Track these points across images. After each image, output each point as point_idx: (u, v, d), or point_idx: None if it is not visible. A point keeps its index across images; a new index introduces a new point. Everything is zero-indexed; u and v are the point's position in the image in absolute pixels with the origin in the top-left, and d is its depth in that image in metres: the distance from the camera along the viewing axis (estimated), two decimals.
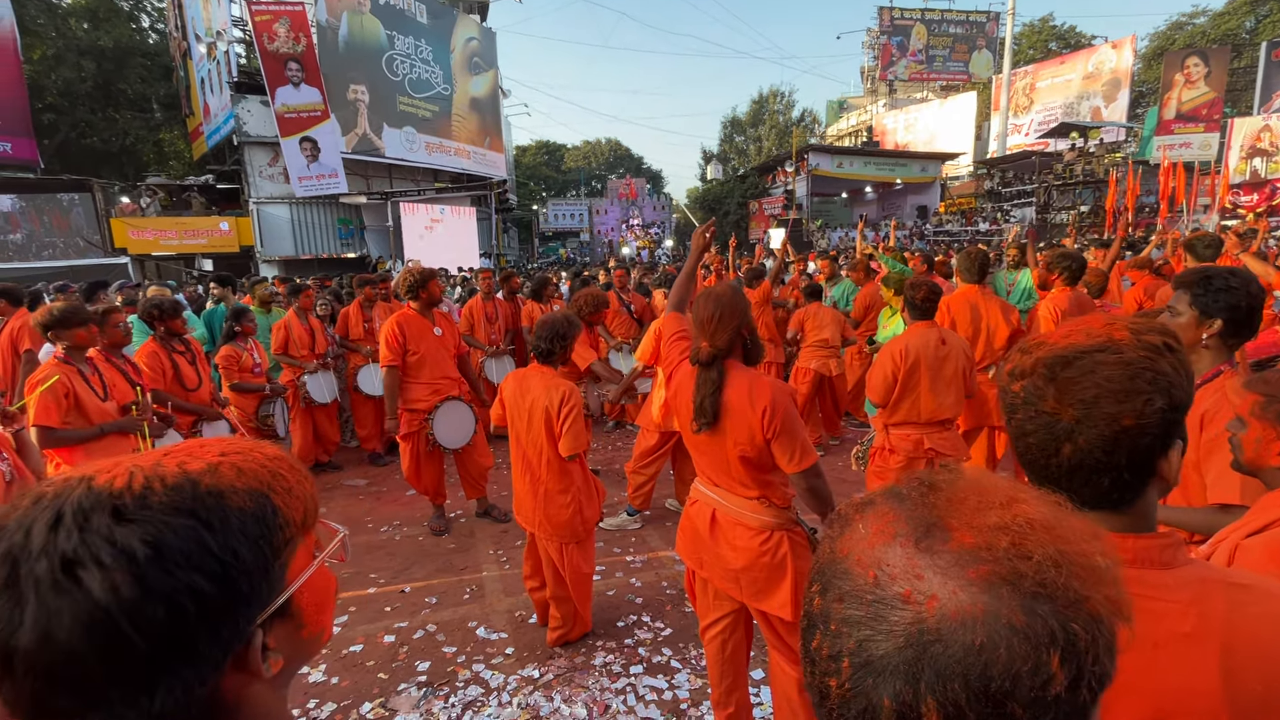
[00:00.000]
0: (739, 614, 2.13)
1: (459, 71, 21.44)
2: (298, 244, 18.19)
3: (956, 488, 0.46)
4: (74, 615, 0.43)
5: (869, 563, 0.43)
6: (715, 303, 1.87)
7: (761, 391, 1.83)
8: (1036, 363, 0.76)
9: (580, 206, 39.19)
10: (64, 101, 20.70)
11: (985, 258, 4.04)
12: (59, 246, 17.00)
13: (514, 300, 6.38)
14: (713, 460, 1.97)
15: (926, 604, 0.40)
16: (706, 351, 1.86)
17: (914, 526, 0.44)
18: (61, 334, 2.82)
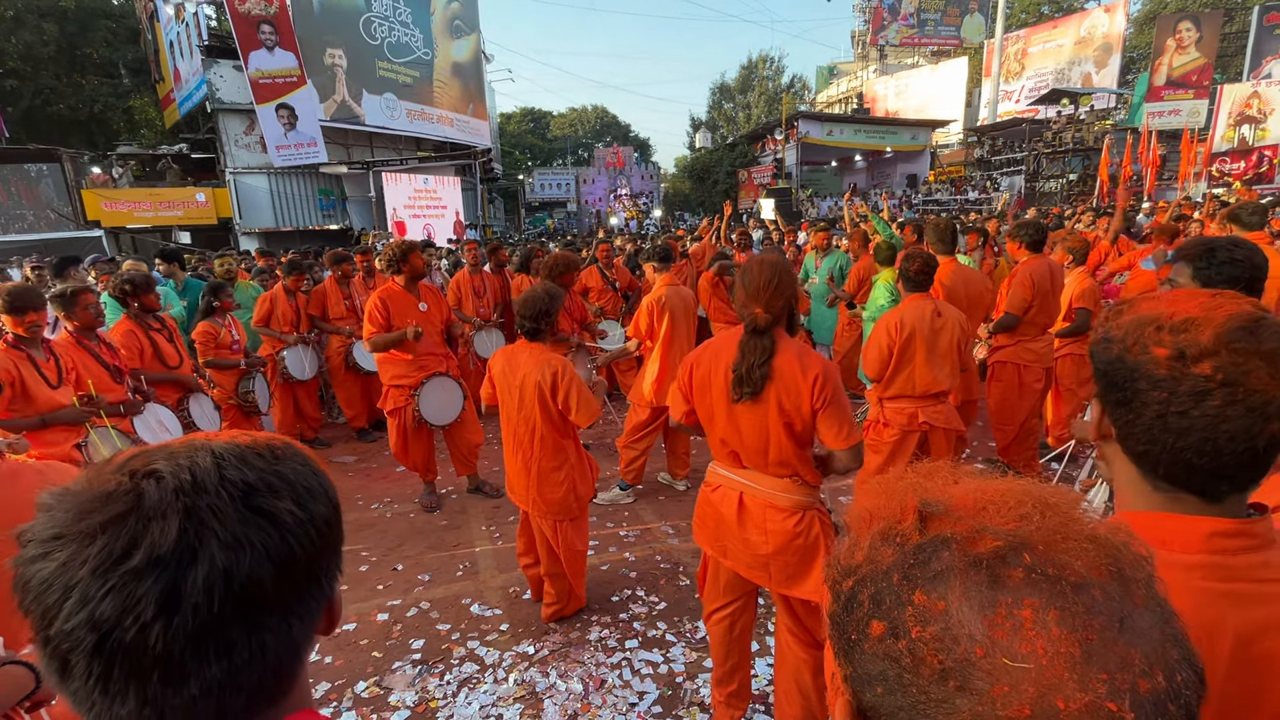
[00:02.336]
0: (750, 596, 2.12)
1: (440, 35, 20.76)
2: (278, 215, 17.76)
3: (1015, 534, 0.39)
4: (261, 539, 0.47)
5: (1092, 699, 0.33)
6: (771, 269, 1.82)
7: (813, 360, 1.82)
8: (1217, 339, 0.66)
9: (567, 176, 38.51)
10: (25, 67, 19.83)
11: (954, 228, 4.00)
12: (28, 219, 16.48)
13: (502, 273, 6.25)
14: (748, 436, 1.89)
15: (1168, 682, 0.35)
16: (763, 318, 1.81)
17: (1062, 611, 0.36)
18: (14, 319, 2.69)
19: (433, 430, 4.01)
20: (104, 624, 0.43)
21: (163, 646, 0.44)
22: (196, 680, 0.46)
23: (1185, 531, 0.70)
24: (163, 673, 0.45)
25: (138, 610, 0.43)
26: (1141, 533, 0.70)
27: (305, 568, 0.51)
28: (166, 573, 0.44)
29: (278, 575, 0.48)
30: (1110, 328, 0.74)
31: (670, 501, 4.12)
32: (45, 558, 0.45)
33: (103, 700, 0.45)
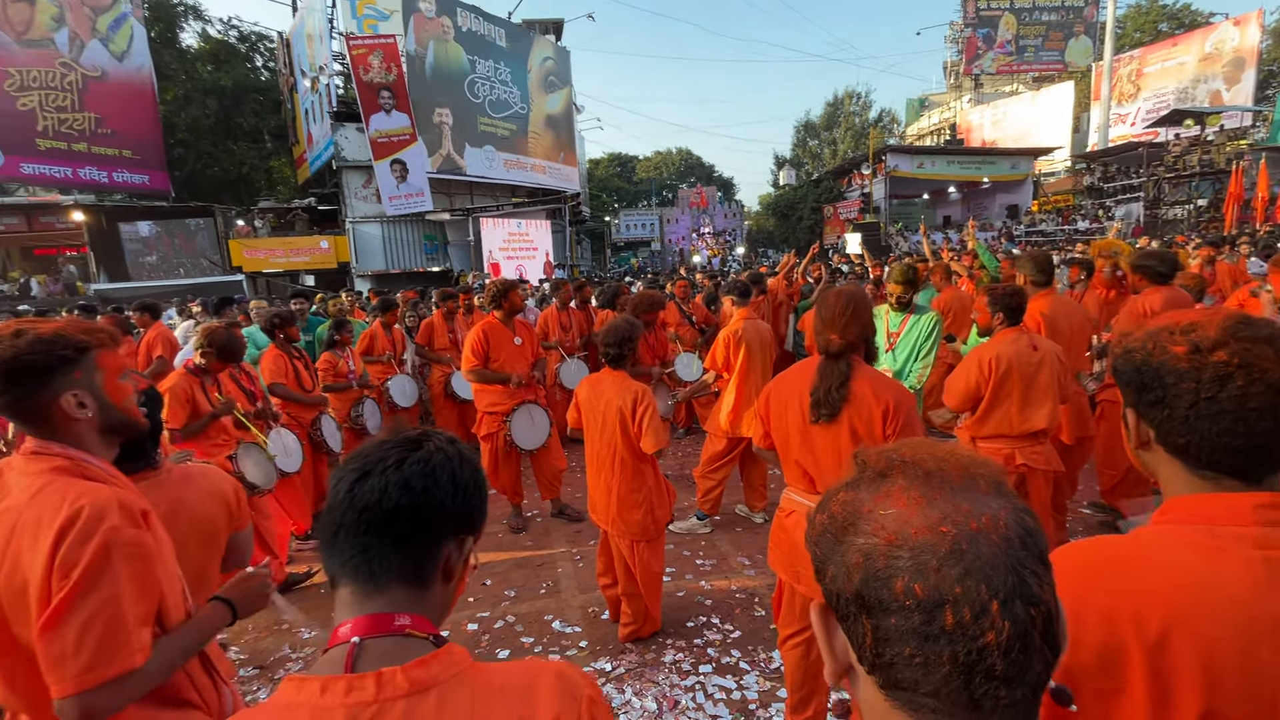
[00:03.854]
0: None
1: (535, 90, 22.29)
2: (388, 259, 19.42)
3: (895, 451, 0.56)
4: (468, 469, 0.79)
5: (931, 525, 0.48)
6: (847, 299, 1.94)
7: (886, 387, 1.89)
8: (1223, 331, 0.75)
9: (651, 216, 39.61)
10: (191, 136, 23.11)
11: (1050, 259, 3.82)
12: (187, 266, 18.98)
13: (586, 309, 6.58)
14: (822, 458, 1.95)
15: (993, 522, 0.48)
16: (837, 344, 1.92)
17: (921, 485, 0.51)
18: (209, 357, 3.25)
19: (521, 455, 4.26)
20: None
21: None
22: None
23: (1232, 507, 0.75)
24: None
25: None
26: (1190, 513, 0.76)
27: (448, 484, 0.78)
28: None
29: (449, 479, 0.78)
30: (1128, 341, 0.80)
31: (747, 533, 4.13)
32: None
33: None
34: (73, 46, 19.33)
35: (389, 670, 0.67)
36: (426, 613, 0.74)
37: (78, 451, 1.12)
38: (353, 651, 0.69)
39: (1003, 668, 0.45)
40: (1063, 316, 3.64)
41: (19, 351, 1.05)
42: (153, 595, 1.09)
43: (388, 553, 0.73)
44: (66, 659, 0.99)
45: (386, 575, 0.73)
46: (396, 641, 0.70)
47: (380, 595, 0.72)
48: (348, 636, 0.70)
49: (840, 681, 0.56)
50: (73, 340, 1.10)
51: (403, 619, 0.72)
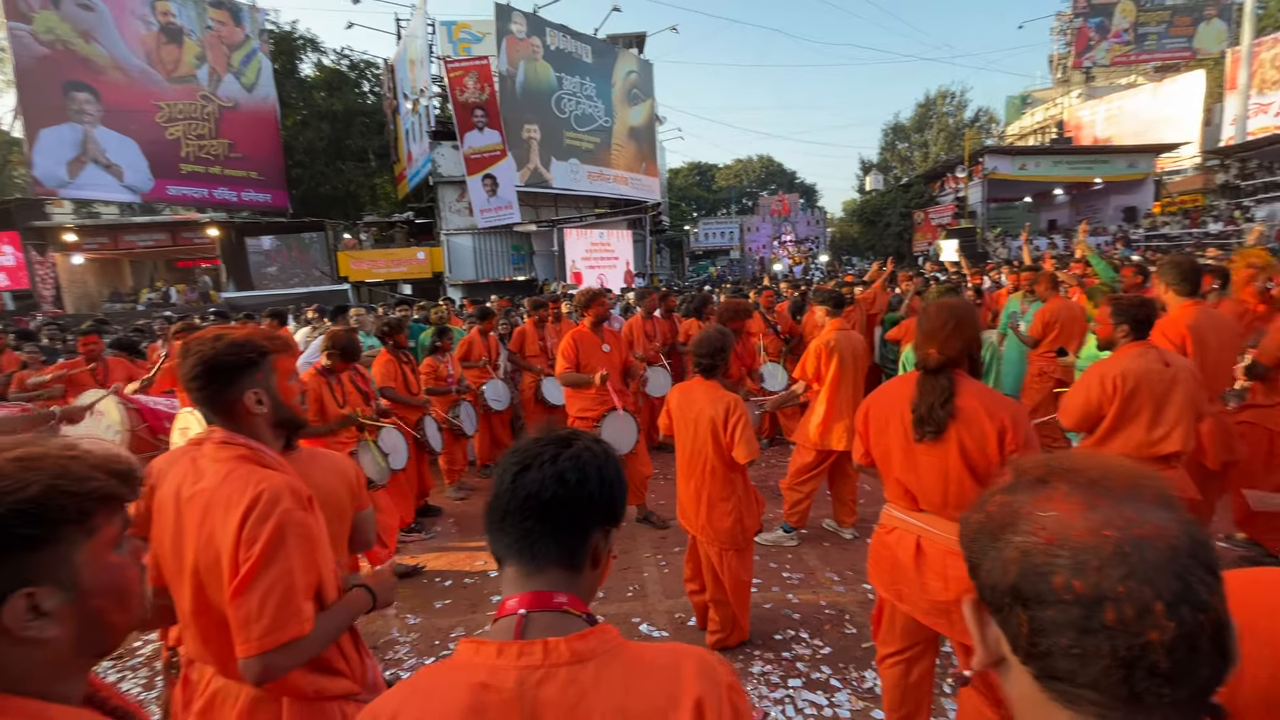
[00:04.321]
0: (929, 643, 2.07)
1: (619, 104, 22.78)
2: (478, 269, 20.39)
3: (1055, 460, 0.58)
4: (612, 466, 0.88)
5: (1093, 529, 0.50)
6: (950, 312, 1.87)
7: (1001, 405, 1.81)
8: None
9: (731, 224, 39.35)
10: (306, 158, 25.24)
11: (1197, 267, 3.46)
12: (301, 276, 20.72)
13: (671, 318, 6.66)
14: (926, 477, 1.89)
15: (1159, 530, 0.49)
16: (935, 358, 1.85)
17: (1083, 492, 0.53)
18: (334, 358, 3.58)
19: None
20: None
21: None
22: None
23: None
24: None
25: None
26: None
27: (595, 479, 0.87)
28: None
29: (597, 474, 0.87)
30: None
31: (835, 549, 4.03)
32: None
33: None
34: (211, 81, 21.63)
35: (554, 640, 0.76)
36: (579, 594, 0.83)
37: (256, 442, 1.29)
38: (521, 622, 0.78)
39: (1167, 665, 0.46)
40: (1211, 330, 3.27)
41: (217, 353, 1.23)
42: (316, 571, 1.24)
43: (546, 538, 0.81)
44: (250, 622, 1.14)
45: (546, 558, 0.82)
46: (557, 617, 0.79)
47: (540, 575, 0.81)
48: (515, 609, 0.79)
49: (987, 668, 0.59)
50: (257, 345, 1.28)
51: (561, 598, 0.81)
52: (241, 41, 22.34)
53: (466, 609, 3.49)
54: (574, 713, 0.73)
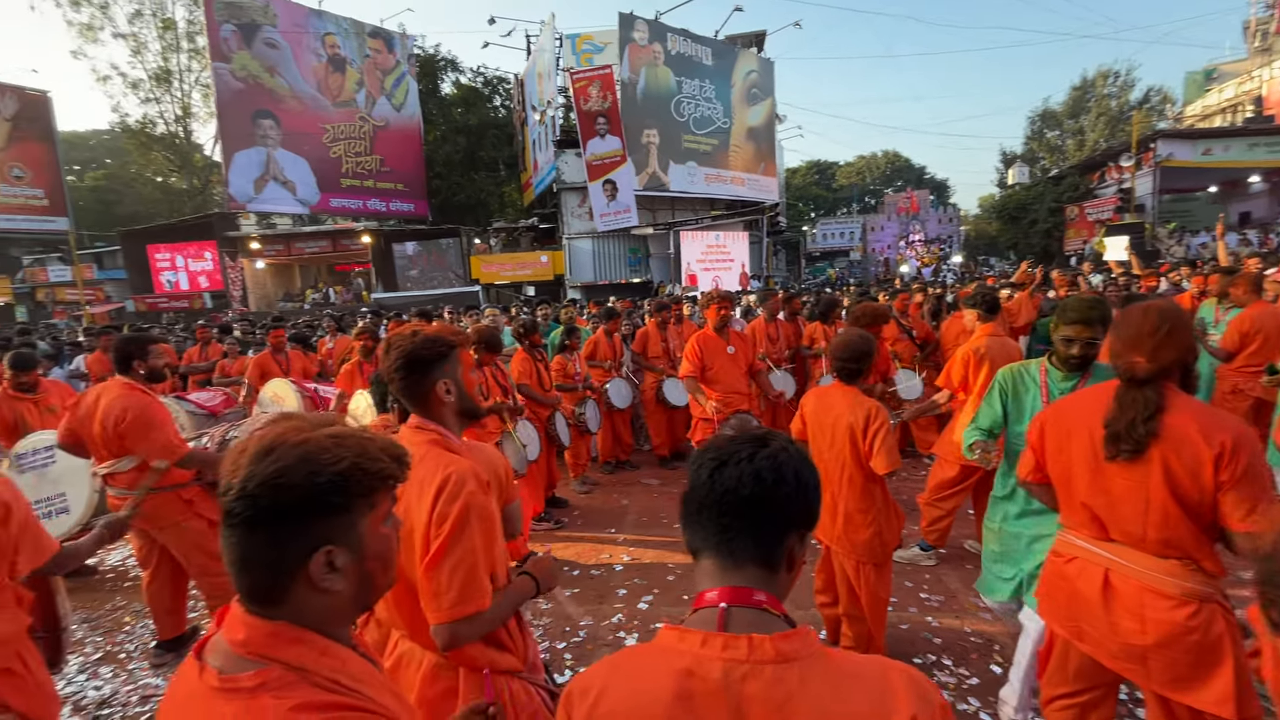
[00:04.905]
0: (1110, 689, 1.85)
1: (738, 104, 22.57)
2: (596, 271, 21.07)
3: None
4: (808, 469, 0.86)
5: None
6: (1160, 316, 1.64)
7: (1220, 424, 1.54)
8: None
9: (852, 224, 37.67)
10: (444, 169, 27.37)
11: None
12: (438, 278, 22.50)
13: (795, 321, 6.49)
14: (1120, 503, 1.68)
15: None
16: (1145, 368, 1.61)
17: None
18: (480, 351, 3.86)
19: None
20: None
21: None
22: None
23: None
24: None
25: None
26: None
27: (792, 480, 0.86)
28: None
29: (793, 475, 0.85)
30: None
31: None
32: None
33: None
34: (367, 103, 24.07)
35: (758, 637, 0.77)
36: (776, 594, 0.83)
37: (444, 429, 1.41)
38: (723, 615, 0.79)
39: None
40: None
41: (415, 346, 1.37)
42: (494, 550, 1.34)
43: (744, 536, 0.82)
44: (440, 593, 1.25)
45: (743, 555, 0.82)
46: (758, 614, 0.80)
47: (738, 572, 0.82)
48: (716, 601, 0.81)
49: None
50: (447, 340, 1.40)
51: (760, 595, 0.81)
52: (393, 66, 24.69)
53: (594, 599, 3.60)
54: (781, 711, 0.73)
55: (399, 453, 0.83)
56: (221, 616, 0.80)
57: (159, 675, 3.12)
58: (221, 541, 0.75)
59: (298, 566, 0.74)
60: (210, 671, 0.72)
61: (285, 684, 0.71)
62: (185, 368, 7.11)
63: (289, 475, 0.73)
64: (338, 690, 0.73)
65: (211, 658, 0.74)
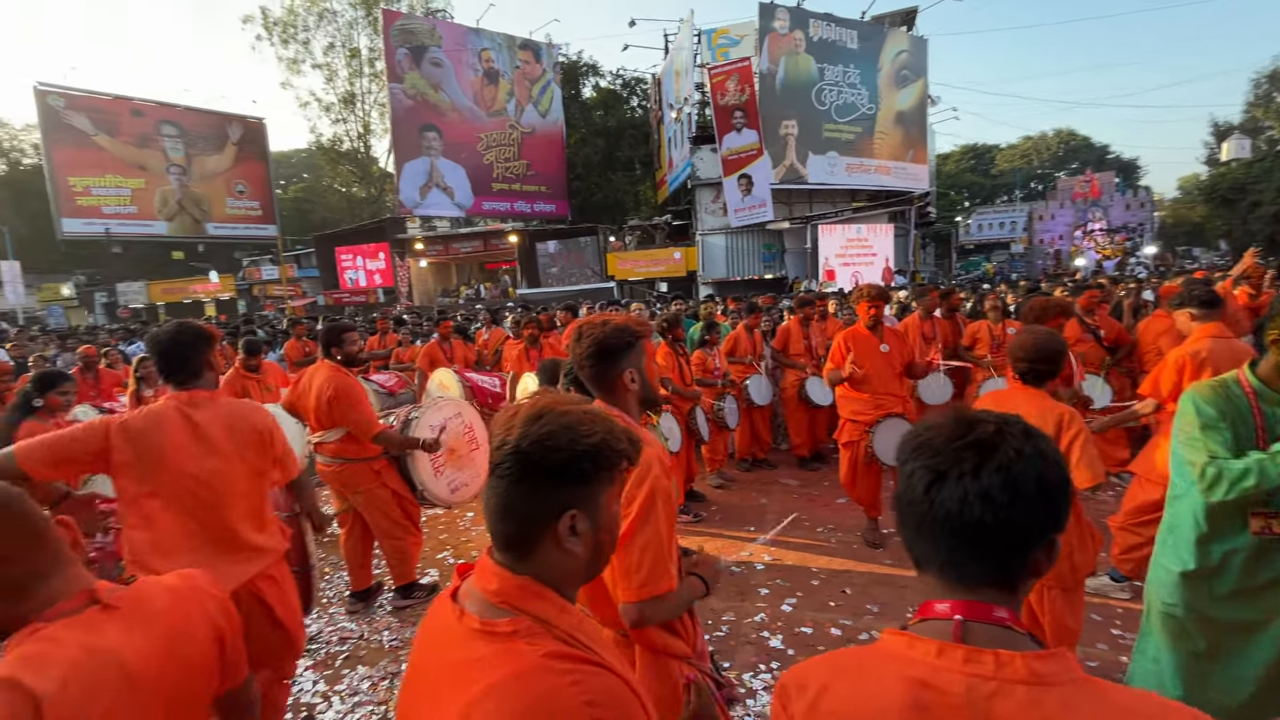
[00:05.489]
0: None
1: (885, 88, 21.23)
2: (729, 267, 20.89)
3: None
4: (1053, 469, 0.73)
5: None
6: None
7: None
8: None
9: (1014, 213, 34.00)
10: (584, 170, 28.53)
11: None
12: (576, 275, 23.56)
13: (953, 318, 5.99)
14: None
15: None
16: None
17: None
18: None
19: (883, 469, 4.09)
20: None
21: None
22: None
23: None
24: None
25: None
26: None
27: (1034, 494, 0.72)
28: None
29: (1035, 487, 0.72)
30: None
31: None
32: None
33: None
34: (516, 112, 25.73)
35: (1007, 654, 0.70)
36: (1016, 607, 0.75)
37: (628, 416, 1.47)
38: (959, 627, 0.73)
39: None
40: None
41: (606, 335, 1.44)
42: (675, 536, 1.37)
43: (974, 562, 0.74)
44: (631, 573, 1.30)
45: (977, 579, 0.74)
46: (999, 631, 0.73)
47: (972, 591, 0.75)
48: (949, 614, 0.74)
49: None
50: (633, 330, 1.46)
51: (1001, 612, 0.74)
52: (540, 75, 26.17)
53: (736, 596, 3.58)
54: None
55: (635, 438, 0.88)
56: (463, 570, 0.90)
57: (353, 620, 3.57)
58: (486, 491, 0.85)
59: (547, 523, 0.82)
60: (470, 616, 0.81)
61: (535, 633, 0.78)
62: (367, 354, 8.08)
63: (555, 439, 0.80)
64: (576, 645, 0.78)
65: (468, 603, 0.83)
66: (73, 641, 0.93)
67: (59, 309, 26.65)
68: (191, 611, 1.11)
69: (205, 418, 2.04)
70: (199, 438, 2.01)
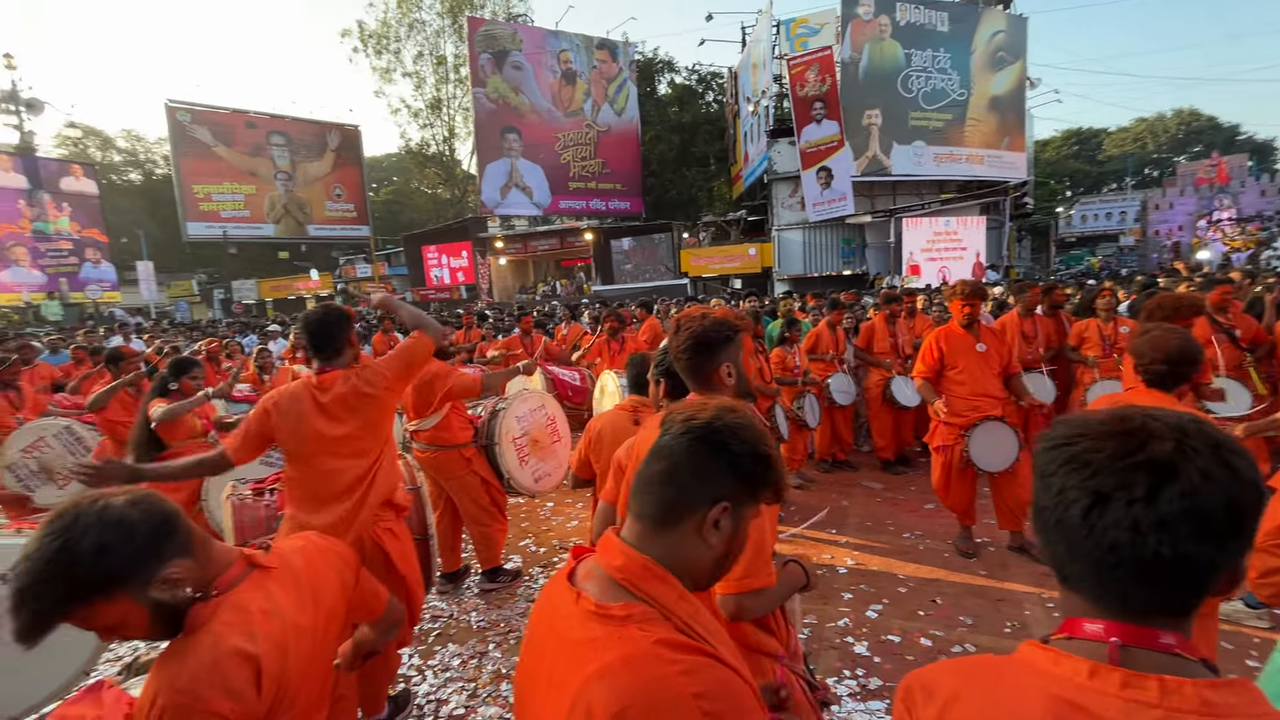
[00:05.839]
0: None
1: (979, 72, 20.01)
2: (806, 263, 20.37)
3: None
4: (1224, 479, 0.61)
5: None
6: None
7: None
8: None
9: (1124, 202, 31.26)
10: (658, 167, 28.62)
11: None
12: (649, 271, 23.67)
13: (1056, 316, 5.58)
14: None
15: None
16: None
17: None
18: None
19: (978, 475, 3.88)
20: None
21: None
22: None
23: None
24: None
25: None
26: None
27: (1224, 522, 0.62)
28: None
29: (1225, 514, 0.61)
30: None
31: None
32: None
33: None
34: (593, 111, 26.11)
35: (1173, 680, 0.62)
36: (1186, 633, 0.68)
37: None
38: (1115, 650, 0.66)
39: None
40: None
41: (705, 328, 1.44)
42: (774, 530, 1.36)
43: (1142, 592, 0.66)
44: None
45: (1142, 608, 0.67)
46: (1165, 657, 0.65)
47: (1134, 617, 0.68)
48: (1101, 636, 0.67)
49: None
50: (732, 324, 1.45)
51: (1167, 638, 0.66)
52: (616, 74, 26.44)
53: (818, 599, 3.50)
54: None
55: (785, 474, 0.93)
56: (578, 553, 0.93)
57: (444, 600, 3.75)
58: (652, 459, 0.89)
59: (699, 506, 0.85)
60: (587, 598, 0.83)
61: (649, 618, 0.79)
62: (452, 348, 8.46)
63: (744, 433, 0.87)
64: (690, 635, 0.79)
65: (586, 585, 0.86)
66: (256, 606, 1.04)
67: (184, 304, 29.55)
68: (320, 566, 1.22)
69: (331, 395, 2.31)
70: (325, 412, 2.30)
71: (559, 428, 4.06)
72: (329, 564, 1.26)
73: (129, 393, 4.38)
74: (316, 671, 1.15)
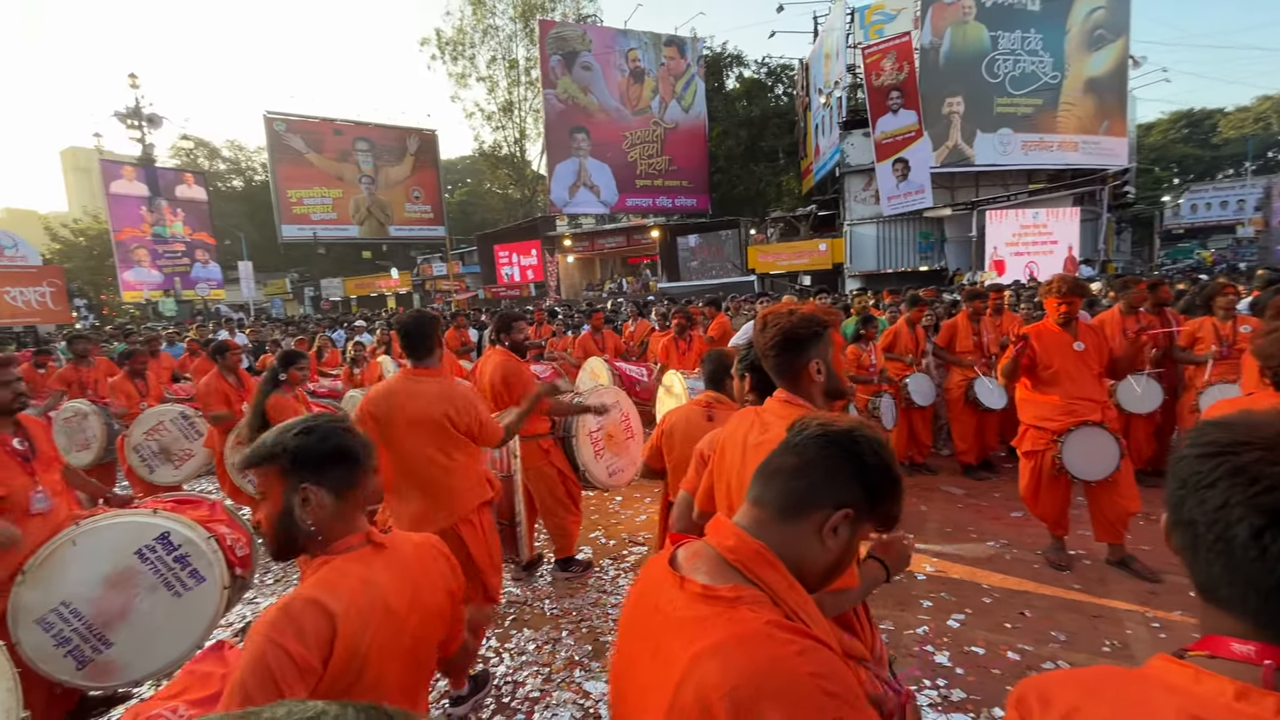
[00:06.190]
0: None
1: (1074, 53, 18.66)
2: (880, 259, 19.63)
3: None
4: None
5: None
6: None
7: None
8: None
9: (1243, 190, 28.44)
10: (726, 163, 28.29)
11: None
12: (716, 268, 23.49)
13: (1161, 313, 5.15)
14: None
15: None
16: None
17: None
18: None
19: (1072, 483, 3.64)
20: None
21: None
22: None
23: None
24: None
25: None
26: None
27: None
28: None
29: None
30: None
31: None
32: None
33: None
34: (660, 108, 26.11)
35: None
36: None
37: (813, 407, 1.45)
38: (1270, 674, 0.62)
39: None
40: None
41: (793, 324, 1.43)
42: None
43: None
44: None
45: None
46: None
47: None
48: (1254, 659, 0.63)
49: None
50: (821, 319, 1.44)
51: None
52: (684, 70, 26.34)
53: (894, 604, 3.39)
54: None
55: (902, 506, 0.96)
56: (676, 539, 0.95)
57: (518, 586, 3.89)
58: (785, 450, 0.92)
59: (823, 506, 0.88)
60: (692, 580, 0.85)
61: (759, 601, 0.81)
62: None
63: (882, 448, 0.91)
64: (799, 621, 0.80)
65: (694, 565, 0.88)
66: (354, 574, 1.13)
67: (279, 301, 31.79)
68: (430, 567, 1.28)
69: (421, 389, 2.49)
70: (414, 405, 2.48)
71: (632, 425, 4.12)
72: (439, 570, 1.31)
73: (229, 383, 4.76)
74: (402, 658, 1.17)
